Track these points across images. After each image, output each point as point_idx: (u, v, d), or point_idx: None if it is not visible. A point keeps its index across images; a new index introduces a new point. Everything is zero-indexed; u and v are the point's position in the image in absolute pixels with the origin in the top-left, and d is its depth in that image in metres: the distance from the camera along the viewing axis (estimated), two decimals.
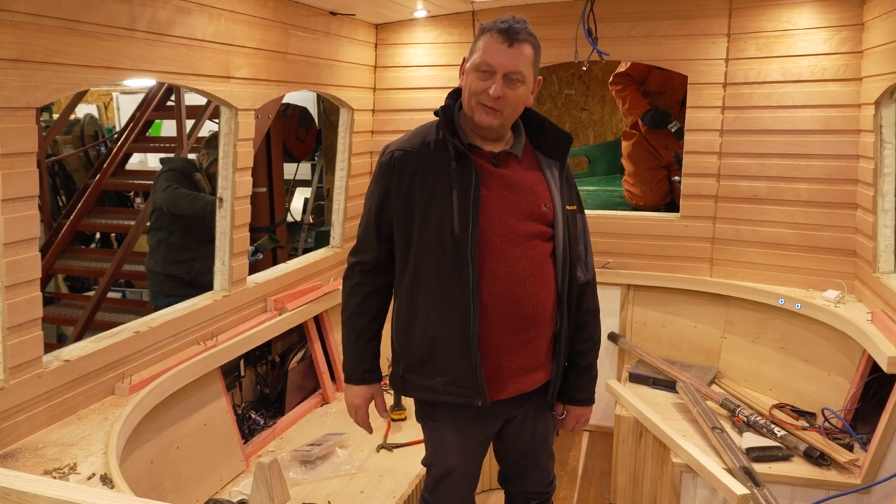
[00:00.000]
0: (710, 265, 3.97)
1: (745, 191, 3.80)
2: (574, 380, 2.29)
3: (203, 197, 4.18)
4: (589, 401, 2.35)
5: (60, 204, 7.52)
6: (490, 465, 3.27)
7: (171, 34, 2.60)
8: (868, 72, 3.34)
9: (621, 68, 4.84)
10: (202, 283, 3.86)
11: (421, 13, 3.99)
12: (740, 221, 3.85)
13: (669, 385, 3.71)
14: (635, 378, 3.85)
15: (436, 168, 2.05)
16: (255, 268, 3.74)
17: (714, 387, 3.72)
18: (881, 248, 3.30)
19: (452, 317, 2.02)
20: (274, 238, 4.02)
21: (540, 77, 2.11)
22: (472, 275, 1.99)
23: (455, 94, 2.16)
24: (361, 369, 2.26)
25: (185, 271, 4.31)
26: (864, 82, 3.40)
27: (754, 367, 3.77)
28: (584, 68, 3.87)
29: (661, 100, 4.81)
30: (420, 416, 2.31)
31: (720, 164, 3.84)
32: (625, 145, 4.94)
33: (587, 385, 2.32)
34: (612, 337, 4.13)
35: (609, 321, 3.88)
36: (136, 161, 7.92)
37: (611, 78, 4.93)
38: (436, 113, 2.12)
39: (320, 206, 8.48)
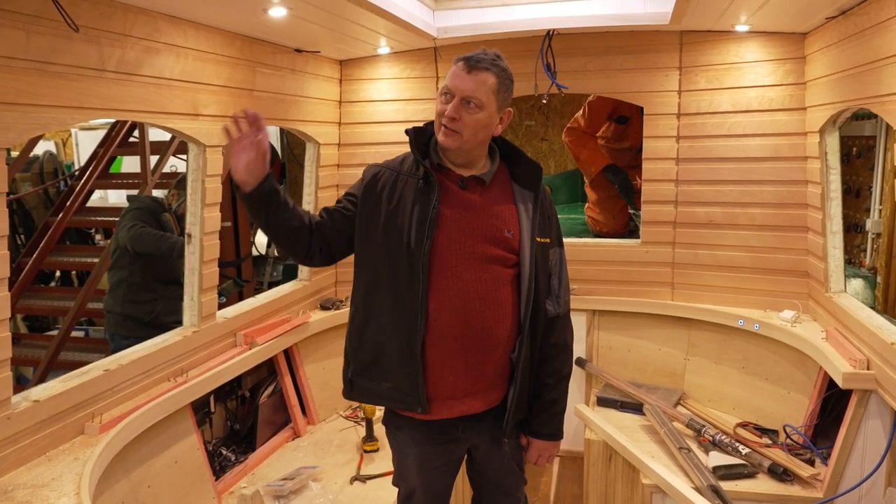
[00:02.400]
0: (671, 289, 4.09)
1: (701, 216, 3.94)
2: (537, 413, 2.29)
3: (170, 237, 4.16)
4: (553, 436, 2.32)
5: (19, 242, 7.38)
6: (463, 491, 3.30)
7: (140, 73, 2.64)
8: (811, 102, 3.52)
9: (572, 123, 4.92)
10: (162, 325, 3.84)
11: (384, 50, 4.08)
12: (698, 246, 3.98)
13: (637, 408, 3.79)
14: (603, 402, 3.92)
15: (404, 184, 2.17)
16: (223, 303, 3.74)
17: (680, 408, 3.81)
18: (832, 269, 3.44)
19: (400, 326, 2.11)
20: (238, 282, 4.01)
21: (510, 108, 2.19)
22: (422, 288, 2.07)
23: (415, 128, 2.26)
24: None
25: (146, 312, 4.25)
26: (808, 111, 3.58)
27: (718, 387, 3.88)
28: (544, 101, 4.00)
29: (620, 154, 4.94)
30: (387, 432, 2.37)
31: (677, 191, 3.98)
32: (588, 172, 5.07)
33: (551, 420, 2.30)
34: (579, 362, 4.21)
35: (576, 346, 3.90)
36: (97, 197, 7.83)
37: (563, 132, 5.04)
38: (406, 132, 2.21)
39: None
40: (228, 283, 3.90)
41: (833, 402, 3.22)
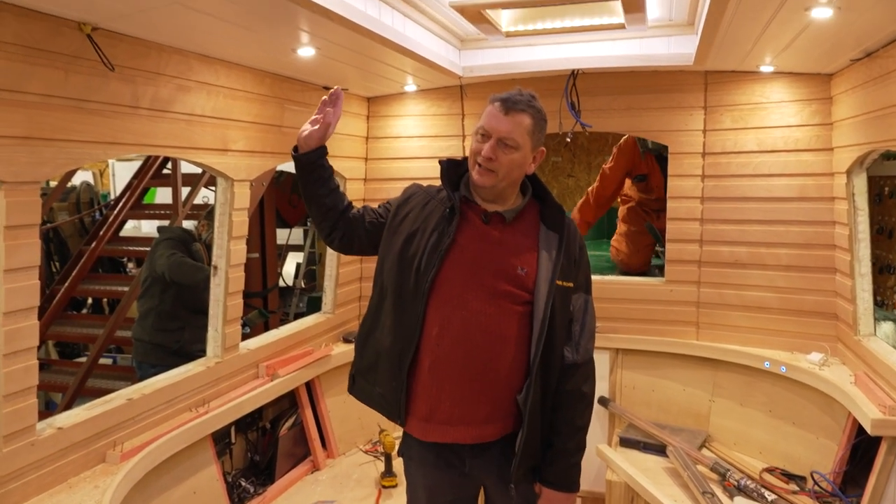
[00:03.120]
0: (696, 329, 4.04)
1: (726, 256, 3.90)
2: (550, 461, 2.21)
3: (205, 268, 4.23)
4: (566, 487, 2.21)
5: (54, 269, 7.57)
6: None
7: (172, 110, 2.73)
8: (838, 142, 3.50)
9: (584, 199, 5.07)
10: (189, 353, 3.89)
11: (411, 87, 4.16)
12: (724, 286, 3.93)
13: (660, 449, 3.72)
14: (626, 442, 3.86)
15: (431, 210, 2.25)
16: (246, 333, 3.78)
17: (704, 450, 3.74)
18: (861, 312, 3.38)
19: (397, 341, 2.18)
20: (263, 312, 4.05)
21: (543, 148, 2.22)
22: (421, 309, 2.13)
23: (449, 161, 2.33)
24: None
25: (174, 340, 4.32)
26: (835, 152, 3.55)
27: (743, 430, 3.80)
28: (568, 140, 4.02)
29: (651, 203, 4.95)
30: (403, 463, 2.41)
31: (702, 230, 3.95)
32: (621, 209, 5.09)
33: (565, 471, 2.21)
34: (603, 401, 4.16)
35: (599, 385, 3.88)
36: (130, 227, 8.02)
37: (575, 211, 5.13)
38: (440, 162, 2.29)
39: (312, 271, 8.56)
40: (254, 313, 3.95)
41: (863, 449, 3.13)
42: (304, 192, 2.32)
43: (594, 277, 4.36)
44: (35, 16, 2.11)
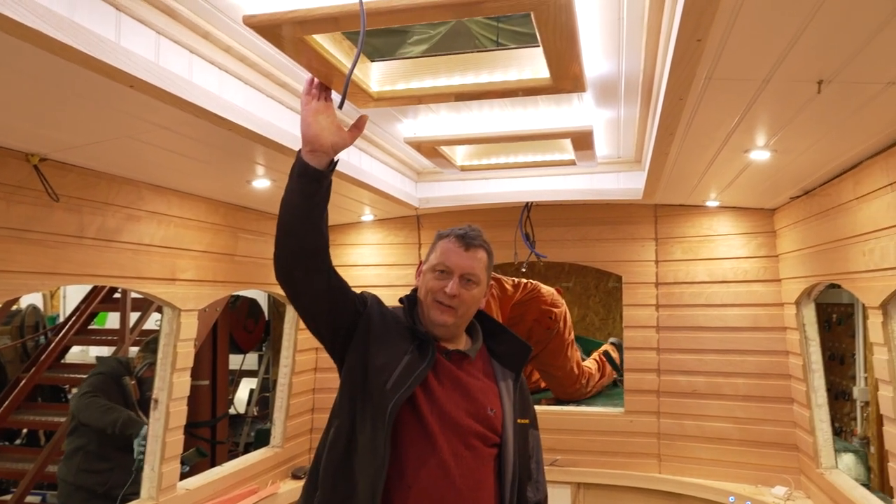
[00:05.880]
0: (658, 461, 3.93)
1: (684, 385, 3.88)
2: None
3: (115, 410, 3.93)
4: None
5: None
6: None
7: (119, 240, 2.67)
8: (785, 274, 3.59)
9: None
10: (116, 497, 3.61)
11: (368, 217, 4.20)
12: (683, 416, 3.88)
13: None
14: None
15: (402, 339, 2.02)
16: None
17: None
18: (821, 444, 3.34)
19: (366, 478, 1.90)
20: (202, 451, 3.81)
21: (493, 282, 2.20)
22: (386, 441, 1.88)
23: (408, 298, 2.21)
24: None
25: (100, 483, 3.98)
26: (783, 283, 3.63)
27: None
28: (523, 270, 4.06)
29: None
30: None
31: (659, 360, 3.94)
32: None
33: None
34: None
35: None
36: (78, 351, 7.71)
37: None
38: (400, 300, 2.17)
39: (266, 398, 8.26)
40: (191, 451, 3.68)
41: None
42: (296, 213, 1.82)
43: (553, 408, 4.33)
44: None
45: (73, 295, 9.08)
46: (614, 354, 5.21)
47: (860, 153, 2.38)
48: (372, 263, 4.37)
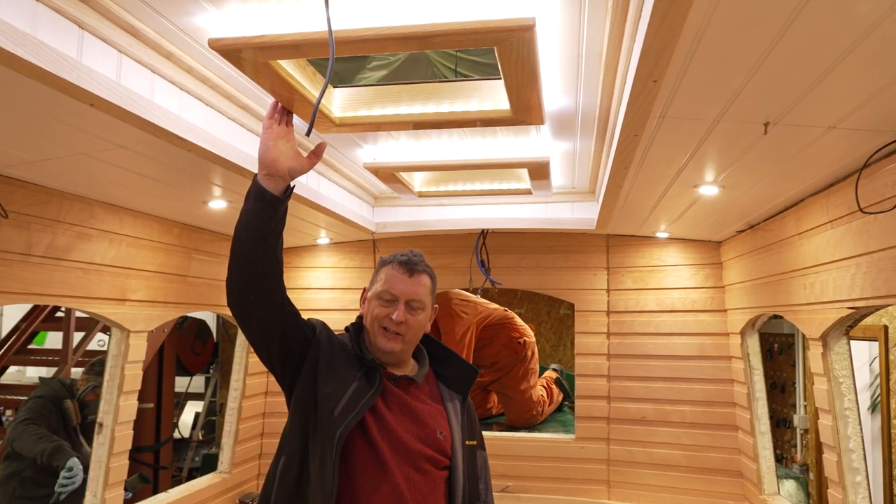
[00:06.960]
0: (607, 487, 3.98)
1: (633, 412, 3.94)
2: None
3: (46, 439, 3.75)
4: None
5: None
6: None
7: (68, 259, 2.61)
8: (730, 304, 3.70)
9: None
10: None
11: (324, 240, 4.18)
12: (632, 443, 3.94)
13: None
14: None
15: (349, 365, 2.01)
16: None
17: None
18: (764, 470, 3.43)
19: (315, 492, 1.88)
20: (144, 477, 3.69)
21: (437, 305, 2.22)
22: (334, 474, 1.86)
23: (354, 325, 2.21)
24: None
25: None
26: (728, 314, 3.75)
27: None
28: (479, 295, 4.09)
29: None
30: None
31: (609, 387, 4.00)
32: None
33: None
34: None
35: None
36: (14, 371, 7.41)
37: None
38: (346, 329, 2.16)
39: (212, 422, 8.06)
40: (133, 477, 3.56)
41: None
42: (251, 235, 1.77)
43: (503, 434, 4.34)
44: None
45: (10, 313, 8.73)
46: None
47: (802, 191, 2.49)
48: (327, 287, 4.34)
